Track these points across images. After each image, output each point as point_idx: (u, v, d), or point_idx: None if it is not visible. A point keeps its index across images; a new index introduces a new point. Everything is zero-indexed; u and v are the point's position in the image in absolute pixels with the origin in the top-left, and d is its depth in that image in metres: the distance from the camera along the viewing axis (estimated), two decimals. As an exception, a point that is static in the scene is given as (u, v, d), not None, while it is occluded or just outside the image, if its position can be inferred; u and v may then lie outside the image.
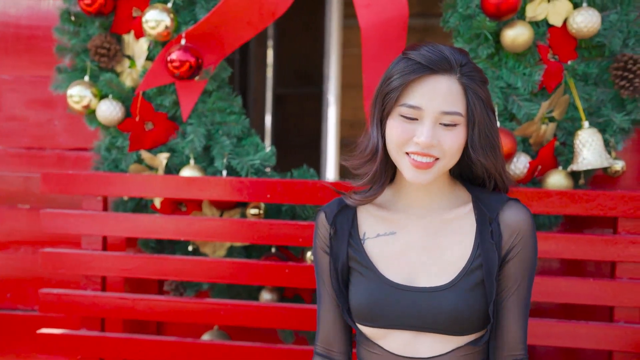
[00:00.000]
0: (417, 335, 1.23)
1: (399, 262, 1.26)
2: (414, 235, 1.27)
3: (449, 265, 1.23)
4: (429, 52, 1.18)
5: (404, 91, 1.18)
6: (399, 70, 1.20)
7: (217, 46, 1.89)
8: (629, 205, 1.65)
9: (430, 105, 1.17)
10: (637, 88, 1.73)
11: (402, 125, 1.19)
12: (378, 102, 1.23)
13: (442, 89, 1.18)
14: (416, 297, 1.22)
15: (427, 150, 1.17)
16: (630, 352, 1.68)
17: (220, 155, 1.90)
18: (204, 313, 1.83)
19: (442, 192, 1.28)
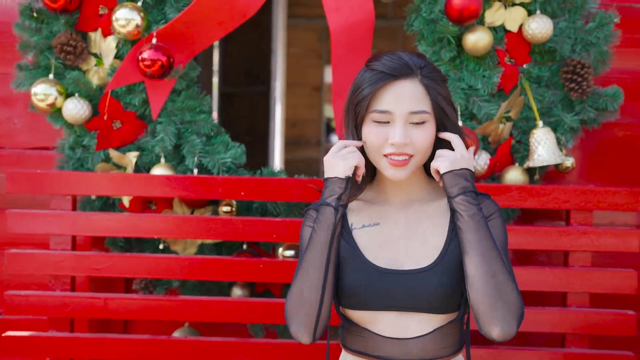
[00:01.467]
0: (404, 316, 1.31)
1: (384, 249, 1.35)
2: (396, 226, 1.36)
3: (430, 250, 1.33)
4: (390, 61, 1.29)
5: (373, 99, 1.28)
6: (366, 80, 1.29)
7: (186, 45, 1.90)
8: (581, 198, 1.78)
9: (398, 108, 1.28)
10: (585, 90, 1.87)
11: (376, 129, 1.29)
12: (350, 112, 1.33)
13: (406, 91, 1.28)
14: (402, 278, 1.30)
15: (401, 149, 1.27)
16: (582, 334, 1.82)
17: (191, 154, 1.92)
18: (178, 310, 1.85)
19: (419, 186, 1.38)
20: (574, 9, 1.92)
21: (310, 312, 1.29)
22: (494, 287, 1.24)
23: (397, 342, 1.32)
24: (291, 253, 1.91)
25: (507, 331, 1.24)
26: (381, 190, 1.39)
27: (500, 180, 1.91)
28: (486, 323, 1.25)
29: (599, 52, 1.91)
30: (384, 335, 1.32)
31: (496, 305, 1.24)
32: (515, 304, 1.25)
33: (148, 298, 1.87)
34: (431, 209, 1.37)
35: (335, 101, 1.95)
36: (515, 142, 1.94)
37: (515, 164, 1.93)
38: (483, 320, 1.25)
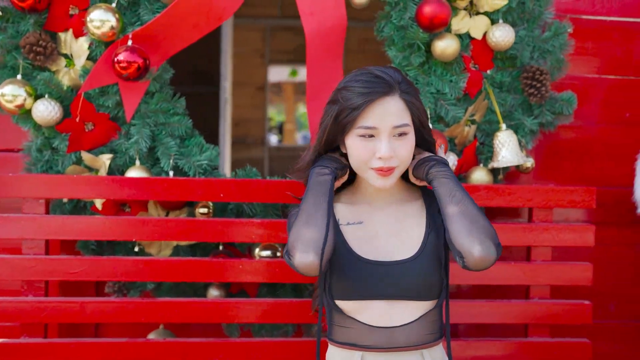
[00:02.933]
0: (391, 305, 1.40)
1: (370, 244, 1.44)
2: (379, 223, 1.47)
3: (412, 243, 1.44)
4: (370, 80, 1.39)
5: (359, 116, 1.37)
6: (350, 98, 1.38)
7: (161, 48, 1.90)
8: (543, 197, 1.90)
9: (383, 123, 1.37)
10: (544, 95, 1.99)
11: (362, 143, 1.39)
12: (334, 125, 1.41)
13: (389, 107, 1.38)
14: (389, 269, 1.40)
15: (388, 162, 1.38)
16: (544, 324, 1.94)
17: (166, 156, 1.92)
18: (157, 312, 1.84)
19: (397, 188, 1.50)
20: (531, 19, 2.04)
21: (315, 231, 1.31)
22: (470, 218, 1.33)
23: (384, 331, 1.40)
24: (268, 253, 1.95)
25: (487, 251, 1.31)
26: (362, 192, 1.50)
27: (466, 180, 2.01)
28: (467, 246, 1.31)
29: (555, 59, 2.04)
30: (371, 324, 1.40)
31: (472, 230, 1.31)
32: (489, 229, 1.34)
33: (126, 301, 1.86)
34: (409, 208, 1.48)
35: (310, 103, 1.99)
36: (479, 144, 2.04)
37: (480, 164, 2.04)
38: (464, 245, 1.31)
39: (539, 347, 1.93)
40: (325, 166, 1.41)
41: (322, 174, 1.39)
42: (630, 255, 2.23)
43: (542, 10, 2.04)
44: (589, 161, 2.20)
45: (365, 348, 1.41)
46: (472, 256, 1.30)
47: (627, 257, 2.23)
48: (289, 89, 10.11)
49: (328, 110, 1.43)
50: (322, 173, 1.40)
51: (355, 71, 1.43)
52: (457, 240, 1.32)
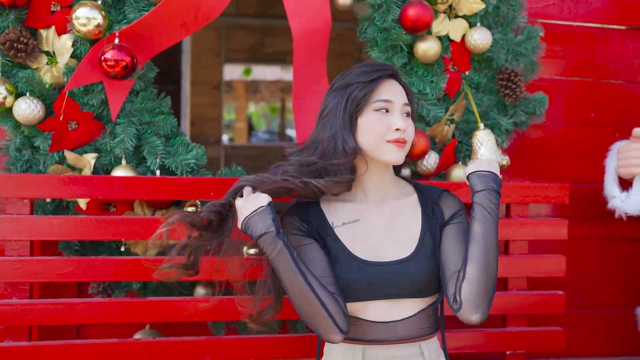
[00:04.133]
0: (392, 302, 1.44)
1: (367, 244, 1.47)
2: (375, 221, 1.49)
3: (408, 241, 1.47)
4: (373, 64, 1.49)
5: (375, 90, 1.44)
6: (361, 76, 1.44)
7: (147, 46, 1.89)
8: (520, 193, 1.99)
9: (396, 98, 1.46)
10: (518, 96, 2.08)
11: (378, 117, 1.44)
12: (346, 107, 1.44)
13: (397, 87, 1.48)
14: (388, 269, 1.43)
15: (403, 135, 1.43)
16: (521, 314, 2.03)
17: (152, 155, 1.91)
18: (144, 311, 1.83)
19: (391, 184, 1.54)
20: (505, 23, 2.13)
21: (319, 316, 1.35)
22: (486, 279, 1.35)
23: (385, 325, 1.44)
24: (255, 251, 1.95)
25: (484, 316, 1.38)
26: (357, 189, 1.51)
27: (446, 178, 2.08)
28: (470, 310, 1.36)
29: (529, 61, 2.13)
30: (373, 320, 1.44)
31: (484, 296, 1.36)
32: (493, 294, 1.38)
33: (114, 301, 1.84)
34: (403, 205, 1.51)
35: (296, 102, 2.02)
36: (458, 142, 2.12)
37: (459, 162, 2.11)
38: (467, 307, 1.36)
39: (516, 336, 2.01)
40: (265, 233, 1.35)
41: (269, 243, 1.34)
42: (595, 247, 2.36)
43: (516, 15, 2.13)
44: (556, 159, 2.32)
45: (366, 342, 1.45)
46: (469, 319, 1.37)
47: (592, 249, 2.35)
48: (240, 88, 10.07)
49: (334, 97, 1.46)
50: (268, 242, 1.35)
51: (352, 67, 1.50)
52: (464, 299, 1.36)
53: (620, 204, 2.01)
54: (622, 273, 2.38)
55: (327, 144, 1.45)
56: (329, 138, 1.45)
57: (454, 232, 1.48)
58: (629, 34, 2.35)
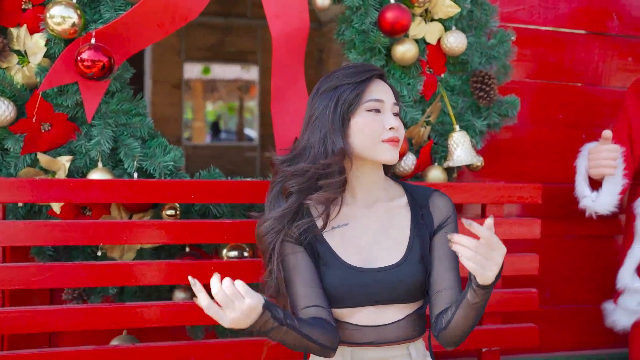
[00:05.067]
0: (380, 308, 1.45)
1: (356, 249, 1.46)
2: (364, 225, 1.49)
3: (397, 246, 1.47)
4: (361, 64, 1.48)
5: (365, 91, 1.43)
6: (350, 77, 1.43)
7: (123, 46, 1.85)
8: (496, 194, 2.04)
9: (387, 98, 1.45)
10: (492, 98, 2.13)
11: (371, 117, 1.43)
12: (336, 109, 1.42)
13: (385, 86, 1.48)
14: (376, 276, 1.43)
15: (397, 133, 1.43)
16: (497, 312, 2.08)
17: (130, 157, 1.87)
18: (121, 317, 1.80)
19: (380, 186, 1.52)
20: (479, 27, 2.17)
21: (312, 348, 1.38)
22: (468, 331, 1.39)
23: (373, 329, 1.45)
24: (235, 254, 1.95)
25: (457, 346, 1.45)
26: (346, 192, 1.49)
27: (423, 179, 2.11)
28: (447, 344, 1.44)
29: (501, 65, 2.18)
30: (361, 324, 1.44)
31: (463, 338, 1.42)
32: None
33: (90, 307, 1.80)
34: (393, 208, 1.50)
35: (274, 105, 2.01)
36: (434, 143, 2.15)
37: (435, 163, 2.14)
38: (445, 342, 1.43)
39: (492, 333, 2.06)
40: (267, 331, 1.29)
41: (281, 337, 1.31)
42: (563, 245, 2.43)
43: (488, 19, 2.18)
44: (526, 159, 2.38)
45: (355, 344, 1.46)
46: (444, 346, 1.44)
47: (560, 247, 2.42)
48: (198, 87, 9.95)
49: (324, 97, 1.43)
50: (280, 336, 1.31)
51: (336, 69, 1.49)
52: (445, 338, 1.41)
53: (591, 204, 2.08)
54: (590, 269, 2.46)
55: (318, 147, 1.42)
56: (319, 141, 1.42)
57: (443, 241, 1.47)
58: (594, 39, 2.43)
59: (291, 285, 1.44)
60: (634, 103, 2.15)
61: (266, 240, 1.45)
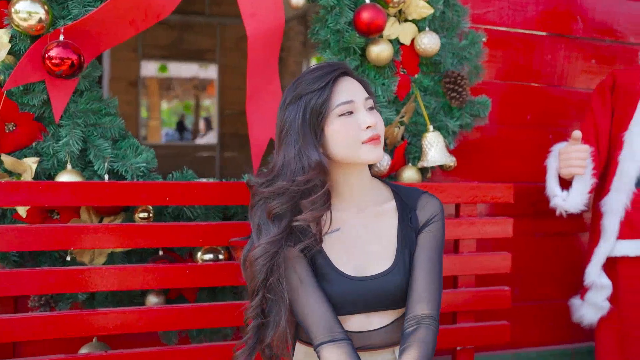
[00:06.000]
0: (369, 315, 1.43)
1: (349, 255, 1.44)
2: (355, 229, 1.46)
3: (387, 252, 1.45)
4: (323, 66, 1.40)
5: (332, 96, 1.37)
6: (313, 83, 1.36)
7: (93, 43, 1.79)
8: (470, 193, 2.05)
9: (357, 96, 1.39)
10: (465, 99, 2.15)
11: (345, 121, 1.37)
12: (304, 120, 1.36)
13: (353, 83, 1.41)
14: (368, 284, 1.42)
15: (376, 130, 1.38)
16: (470, 310, 2.09)
17: (100, 159, 1.81)
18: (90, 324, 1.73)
19: (369, 189, 1.50)
20: (451, 28, 2.19)
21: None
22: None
23: (362, 335, 1.44)
24: (210, 257, 1.91)
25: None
26: (337, 198, 1.46)
27: (397, 179, 2.11)
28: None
29: (473, 66, 2.20)
30: (350, 330, 1.43)
31: None
32: None
33: (59, 314, 1.72)
34: (382, 212, 1.48)
35: (249, 104, 1.98)
36: (407, 144, 2.15)
37: (409, 163, 2.15)
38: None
39: (466, 332, 2.08)
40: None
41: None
42: (531, 243, 2.48)
43: (460, 20, 2.19)
44: (494, 159, 2.41)
45: None
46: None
47: (528, 245, 2.47)
48: (154, 85, 9.77)
49: (292, 110, 1.37)
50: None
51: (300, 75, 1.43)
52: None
53: (562, 203, 2.12)
54: (556, 266, 2.52)
55: (294, 164, 1.36)
56: (295, 158, 1.36)
57: (423, 242, 1.46)
58: (560, 41, 2.48)
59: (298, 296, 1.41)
60: (599, 104, 2.21)
61: (257, 264, 1.36)
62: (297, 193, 1.36)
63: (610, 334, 2.19)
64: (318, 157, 1.35)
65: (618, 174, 2.12)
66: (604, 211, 2.17)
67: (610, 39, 2.55)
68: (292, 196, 1.36)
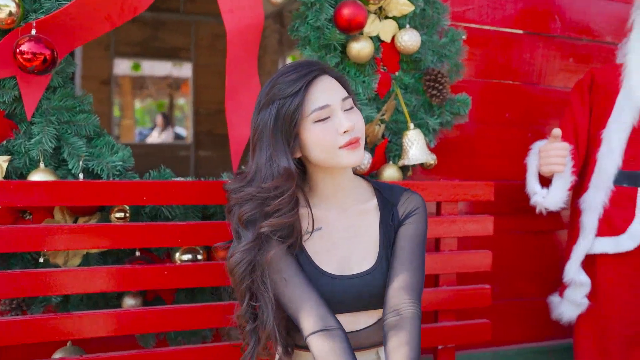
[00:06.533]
0: (354, 315, 1.41)
1: (331, 255, 1.42)
2: (338, 228, 1.44)
3: (370, 250, 1.44)
4: (297, 68, 1.35)
5: (306, 102, 1.32)
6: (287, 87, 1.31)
7: (67, 38, 1.74)
8: (450, 191, 2.04)
9: (333, 99, 1.34)
10: (445, 97, 2.14)
11: (321, 127, 1.33)
12: (276, 126, 1.32)
13: (329, 83, 1.36)
14: (352, 283, 1.40)
15: (353, 134, 1.34)
16: (451, 309, 2.09)
17: (75, 157, 1.76)
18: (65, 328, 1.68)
19: (351, 187, 1.48)
20: (431, 25, 2.17)
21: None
22: None
23: (348, 335, 1.41)
24: (189, 257, 1.86)
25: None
26: (320, 194, 1.44)
27: (378, 177, 2.09)
28: None
29: (453, 63, 2.19)
30: None
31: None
32: None
33: (31, 318, 1.67)
34: (364, 211, 1.46)
35: (228, 102, 1.94)
36: (388, 142, 2.14)
37: (389, 162, 2.13)
38: None
39: (447, 331, 2.07)
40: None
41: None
42: (511, 240, 2.48)
43: (440, 18, 2.18)
44: (473, 157, 2.41)
45: None
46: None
47: (508, 243, 2.47)
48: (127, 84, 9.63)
49: (263, 115, 1.33)
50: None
51: (275, 74, 1.38)
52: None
53: (542, 200, 2.13)
54: (536, 264, 2.53)
55: (265, 170, 1.34)
56: (265, 163, 1.34)
57: (403, 234, 1.43)
58: (538, 39, 2.49)
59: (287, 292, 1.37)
60: (578, 102, 2.22)
61: (237, 272, 1.36)
62: (265, 199, 1.34)
63: (589, 330, 2.21)
64: (287, 164, 1.32)
65: (596, 171, 2.13)
66: (582, 209, 2.18)
67: (587, 38, 2.57)
68: (261, 202, 1.34)
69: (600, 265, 2.15)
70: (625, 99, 2.08)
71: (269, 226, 1.33)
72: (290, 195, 1.34)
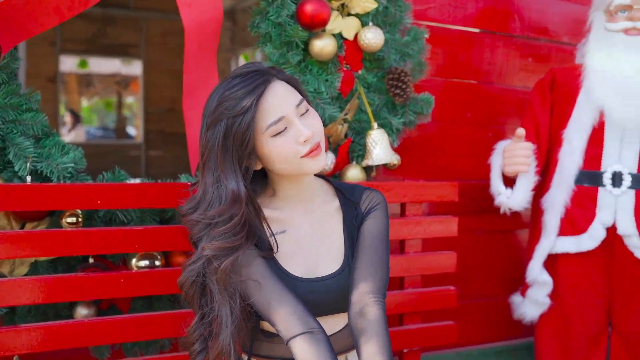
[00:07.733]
0: (324, 319, 1.36)
1: (297, 257, 1.37)
2: (302, 231, 1.40)
3: (336, 252, 1.40)
4: (244, 79, 1.27)
5: (259, 118, 1.26)
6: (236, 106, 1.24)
7: (11, 32, 1.62)
8: (415, 192, 2.01)
9: (287, 109, 1.28)
10: (408, 96, 2.10)
11: (280, 140, 1.28)
12: (225, 146, 1.26)
13: (280, 90, 1.29)
14: (320, 286, 1.35)
15: (313, 141, 1.29)
16: (417, 311, 2.06)
17: (21, 158, 1.65)
18: (10, 342, 1.57)
19: (315, 188, 1.43)
20: (394, 23, 2.14)
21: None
22: None
23: None
24: (146, 263, 1.77)
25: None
26: (284, 197, 1.40)
27: (341, 178, 2.04)
28: None
29: (417, 62, 2.16)
30: None
31: None
32: None
33: None
34: (327, 212, 1.43)
35: (186, 100, 1.86)
36: (351, 142, 2.09)
37: (353, 162, 2.08)
38: None
39: (413, 333, 2.04)
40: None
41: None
42: (472, 240, 2.48)
43: (402, 16, 2.15)
44: (436, 157, 2.39)
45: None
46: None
47: (470, 243, 2.47)
48: (73, 81, 9.33)
49: (211, 135, 1.26)
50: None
51: (219, 84, 1.30)
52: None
53: (506, 200, 2.12)
54: (498, 263, 2.53)
55: (212, 192, 1.28)
56: (213, 185, 1.28)
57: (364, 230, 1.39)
58: (499, 39, 2.49)
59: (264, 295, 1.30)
60: (538, 102, 2.22)
61: (184, 290, 1.35)
62: (210, 223, 1.29)
63: (550, 329, 2.21)
64: (235, 187, 1.27)
65: (558, 171, 2.14)
66: (544, 208, 2.18)
67: (545, 38, 2.59)
68: (207, 224, 1.29)
69: (562, 265, 2.16)
70: (585, 99, 2.09)
71: (210, 249, 1.28)
72: (238, 220, 1.28)
